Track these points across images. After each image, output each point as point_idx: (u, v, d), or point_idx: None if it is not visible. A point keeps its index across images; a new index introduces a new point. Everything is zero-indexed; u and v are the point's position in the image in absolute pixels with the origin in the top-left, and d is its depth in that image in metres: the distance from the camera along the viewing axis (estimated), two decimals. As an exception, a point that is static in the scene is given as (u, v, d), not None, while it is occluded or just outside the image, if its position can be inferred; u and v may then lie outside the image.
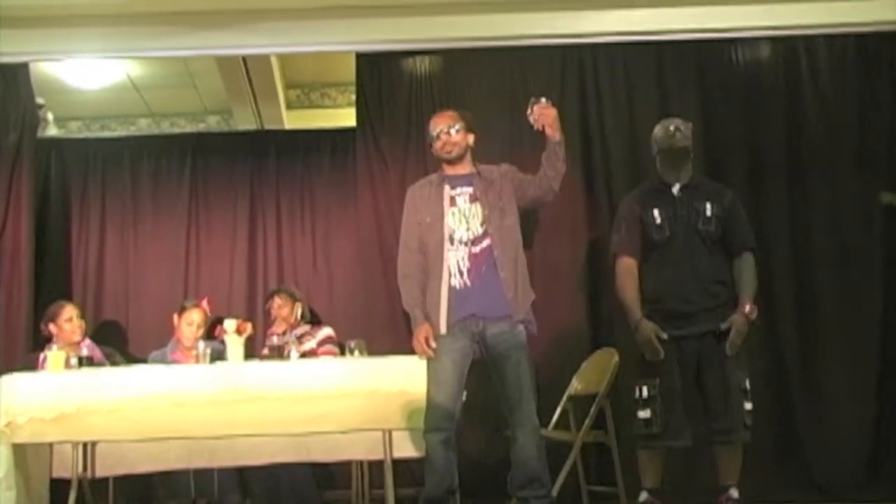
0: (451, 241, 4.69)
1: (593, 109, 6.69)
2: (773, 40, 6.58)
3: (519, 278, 4.73)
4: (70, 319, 6.16)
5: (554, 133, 4.77)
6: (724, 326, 4.97)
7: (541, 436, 4.68)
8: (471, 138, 4.87)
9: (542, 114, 4.76)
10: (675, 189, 5.20)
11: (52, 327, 6.14)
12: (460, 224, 4.72)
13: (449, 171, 4.86)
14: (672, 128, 5.25)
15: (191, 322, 6.27)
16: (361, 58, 6.93)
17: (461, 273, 4.65)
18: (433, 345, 4.59)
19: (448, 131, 4.81)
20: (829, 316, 6.38)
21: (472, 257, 4.66)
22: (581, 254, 6.60)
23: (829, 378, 6.32)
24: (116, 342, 6.80)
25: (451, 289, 4.65)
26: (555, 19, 5.23)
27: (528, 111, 4.81)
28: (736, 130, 6.56)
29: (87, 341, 6.16)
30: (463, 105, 6.61)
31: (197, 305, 6.35)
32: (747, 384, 5.00)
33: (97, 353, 5.99)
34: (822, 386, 6.32)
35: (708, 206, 5.12)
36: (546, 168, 4.80)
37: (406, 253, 4.81)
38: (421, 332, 4.61)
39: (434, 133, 4.85)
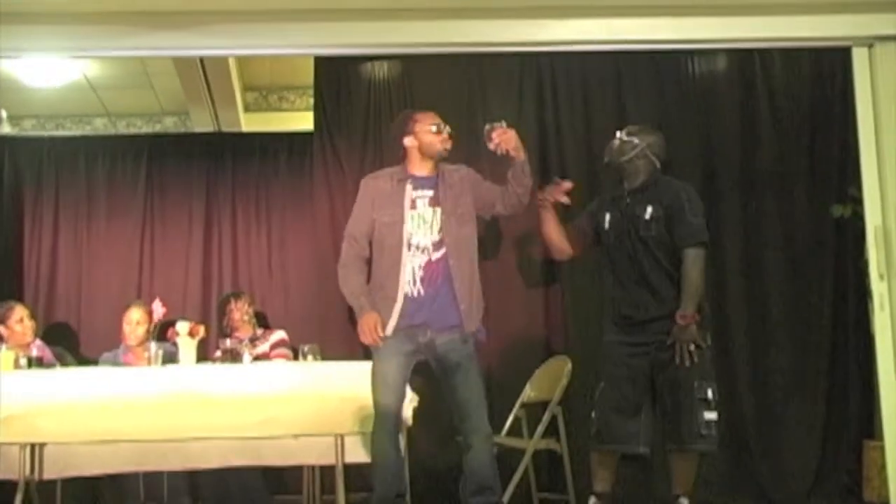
0: (409, 246, 4.63)
1: (550, 117, 6.72)
2: (729, 52, 6.64)
3: (473, 289, 4.71)
4: (21, 320, 6.10)
5: (518, 154, 4.75)
6: (668, 342, 4.94)
7: (493, 443, 4.68)
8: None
9: (504, 139, 4.74)
10: (627, 196, 5.20)
11: (1, 328, 6.08)
12: (419, 229, 4.65)
13: (413, 169, 4.79)
14: (613, 143, 5.27)
15: (129, 321, 6.23)
16: (320, 61, 6.92)
17: (415, 281, 4.61)
18: (381, 333, 4.54)
19: (445, 129, 4.80)
20: (779, 327, 6.44)
21: (428, 265, 4.62)
22: (535, 261, 6.62)
23: (778, 389, 6.38)
24: (68, 343, 6.75)
25: (405, 295, 4.60)
26: (514, 27, 5.22)
27: (486, 137, 4.79)
28: (691, 140, 6.61)
29: (38, 342, 6.10)
30: (420, 110, 6.63)
31: (139, 305, 6.31)
32: (710, 393, 4.92)
33: (47, 354, 5.94)
34: (771, 397, 6.38)
35: (649, 209, 5.06)
36: (514, 185, 4.80)
37: (351, 243, 4.75)
38: (370, 319, 4.54)
39: (430, 126, 4.80)
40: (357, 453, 5.19)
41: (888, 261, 5.41)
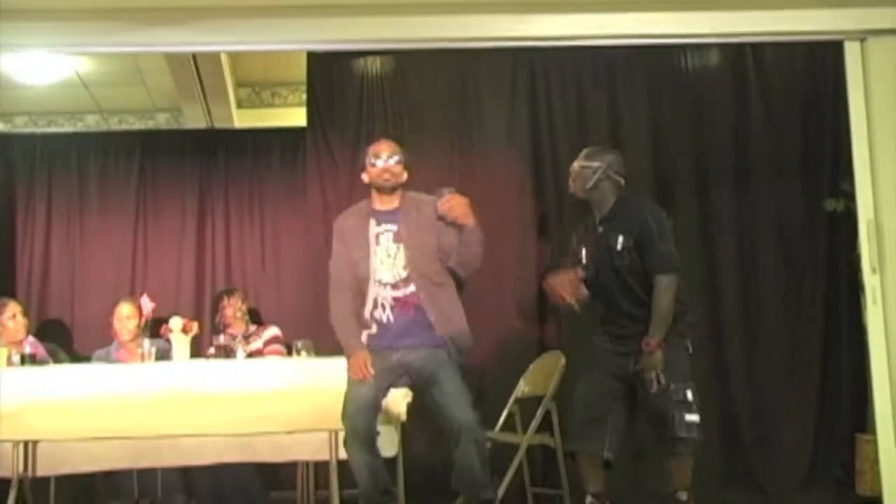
0: (374, 282, 4.62)
1: (543, 112, 6.73)
2: (722, 47, 6.65)
3: (452, 317, 4.67)
4: (13, 317, 6.09)
5: (467, 221, 4.65)
6: (637, 368, 4.87)
7: (483, 436, 4.66)
8: (405, 175, 4.80)
9: (452, 206, 4.63)
10: (597, 222, 5.10)
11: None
12: (382, 265, 4.63)
13: (377, 204, 4.75)
14: (572, 171, 5.16)
15: (119, 317, 6.22)
16: (313, 57, 6.92)
17: (383, 308, 4.61)
18: (371, 371, 4.53)
19: (388, 160, 4.73)
20: (772, 322, 6.46)
21: (395, 300, 4.61)
22: (529, 257, 6.62)
23: (772, 381, 6.40)
24: (61, 340, 6.73)
25: (376, 321, 4.61)
26: (506, 22, 5.22)
27: (438, 206, 4.68)
28: (684, 135, 6.63)
29: (31, 339, 6.09)
30: (413, 106, 6.66)
31: (128, 300, 6.31)
32: (688, 395, 4.86)
33: (40, 351, 5.93)
34: (765, 391, 6.40)
35: (620, 239, 4.97)
36: (462, 254, 4.68)
37: (341, 291, 4.72)
38: (360, 359, 4.54)
39: (371, 159, 4.75)
40: (351, 449, 5.20)
41: (880, 254, 5.42)
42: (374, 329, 4.61)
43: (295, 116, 7.87)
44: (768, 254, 6.52)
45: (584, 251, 5.13)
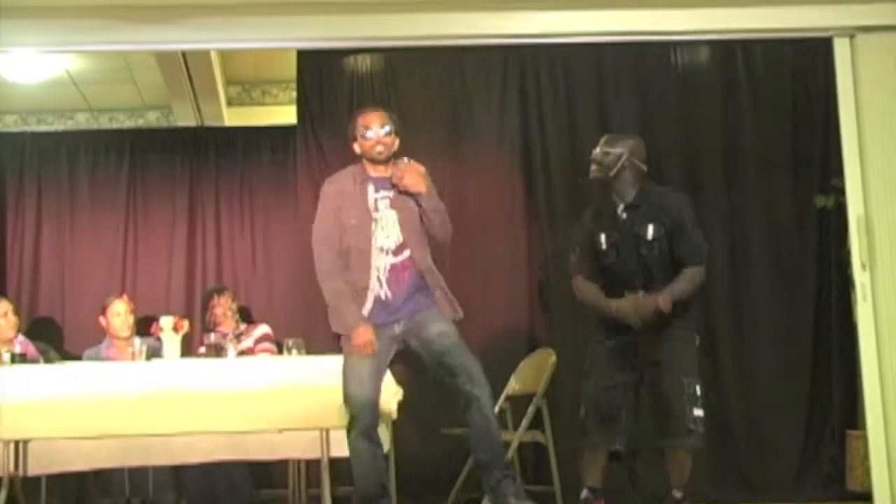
0: (375, 249, 4.60)
1: (533, 109, 6.73)
2: (712, 44, 6.66)
3: (440, 280, 4.70)
4: (5, 315, 6.08)
5: (420, 191, 4.63)
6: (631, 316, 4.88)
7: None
8: (397, 142, 4.81)
9: (400, 178, 4.63)
10: (620, 210, 5.02)
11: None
12: (381, 231, 4.61)
13: (372, 171, 4.73)
14: (595, 157, 5.07)
15: (118, 313, 6.21)
16: (302, 55, 6.91)
17: (381, 283, 4.60)
18: (374, 347, 4.50)
19: (379, 131, 4.74)
20: (762, 316, 6.48)
21: (393, 267, 4.60)
22: (520, 254, 6.63)
23: (762, 377, 6.42)
24: (51, 338, 6.72)
25: (376, 297, 4.58)
26: (495, 19, 5.24)
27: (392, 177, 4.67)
28: (673, 132, 6.63)
29: (21, 337, 6.08)
30: (403, 104, 6.66)
31: (118, 297, 6.31)
32: (697, 390, 4.85)
33: (31, 350, 5.92)
34: (755, 388, 6.42)
35: (650, 228, 4.92)
36: (425, 221, 4.69)
37: (328, 253, 4.64)
38: (366, 333, 4.48)
39: (362, 131, 4.74)
40: (342, 447, 5.15)
41: (870, 251, 5.44)
42: (370, 304, 4.57)
43: (285, 114, 7.86)
44: (758, 250, 6.53)
45: (603, 237, 5.03)
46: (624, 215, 4.99)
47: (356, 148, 4.77)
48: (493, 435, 4.54)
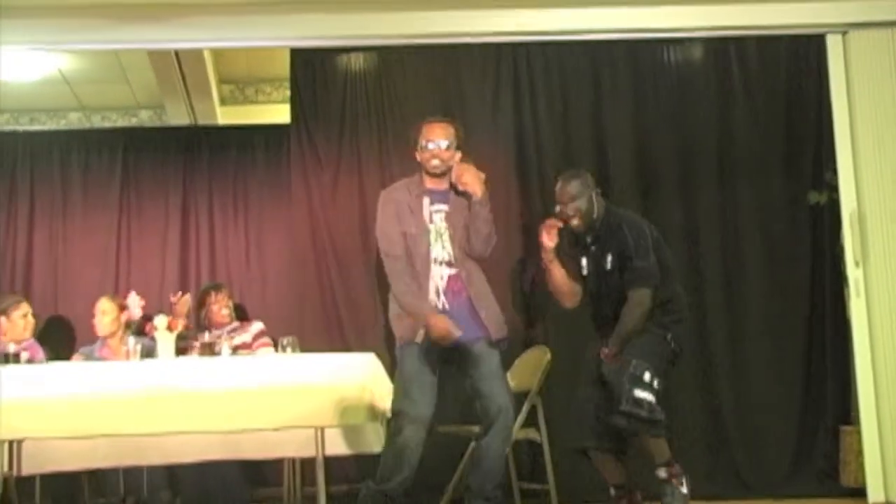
0: (431, 259, 4.71)
1: (527, 107, 6.73)
2: (705, 41, 6.66)
3: (490, 297, 4.81)
4: (24, 316, 6.12)
5: (476, 191, 4.71)
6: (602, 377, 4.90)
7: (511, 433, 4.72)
8: (457, 156, 4.82)
9: (460, 175, 4.72)
10: (589, 241, 5.10)
11: (3, 320, 6.06)
12: (436, 243, 4.71)
13: (429, 184, 4.81)
14: (569, 211, 5.02)
15: (102, 311, 6.20)
16: (296, 53, 6.90)
17: (439, 294, 4.66)
18: (457, 333, 4.58)
19: (440, 144, 4.75)
20: (756, 313, 6.47)
21: (451, 279, 4.67)
22: (513, 252, 6.63)
23: (756, 376, 6.42)
24: (44, 338, 6.70)
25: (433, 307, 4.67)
26: (489, 17, 5.25)
27: (451, 175, 4.75)
28: (667, 129, 6.63)
29: (31, 341, 6.09)
30: (396, 102, 6.66)
31: (108, 297, 6.29)
32: (646, 374, 4.75)
33: (39, 355, 5.92)
34: (749, 385, 6.42)
35: (609, 258, 4.99)
36: (471, 232, 4.75)
37: (399, 264, 4.73)
38: (443, 321, 4.58)
39: (424, 142, 4.78)
40: (337, 445, 5.20)
41: (863, 247, 5.46)
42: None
43: (278, 113, 7.86)
44: (752, 247, 6.53)
45: (584, 262, 5.13)
46: (594, 248, 5.09)
47: (417, 156, 4.86)
48: (493, 471, 4.60)
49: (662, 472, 4.86)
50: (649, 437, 4.81)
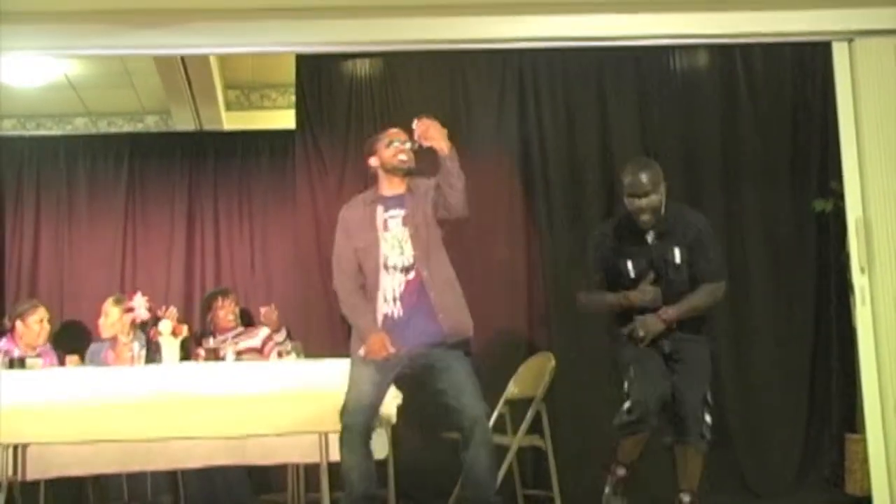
0: (386, 267, 4.61)
1: (532, 113, 6.73)
2: (711, 48, 6.66)
3: (453, 298, 4.68)
4: (40, 321, 6.13)
5: (442, 147, 4.59)
6: (636, 331, 4.88)
7: (492, 439, 4.66)
8: (414, 163, 4.80)
9: (422, 130, 4.59)
10: (650, 237, 4.99)
11: (19, 324, 6.07)
12: (393, 250, 4.63)
13: (385, 189, 4.76)
14: (645, 204, 4.90)
15: (105, 313, 6.20)
16: (301, 59, 6.92)
17: (394, 300, 4.61)
18: (391, 349, 4.51)
19: (405, 143, 4.74)
20: (762, 320, 6.47)
21: (408, 284, 4.63)
22: (519, 257, 6.62)
23: (761, 381, 6.41)
24: (59, 342, 6.70)
25: (384, 316, 4.60)
26: (495, 24, 5.23)
27: (415, 134, 4.70)
28: (673, 136, 6.63)
29: (47, 346, 6.10)
30: (402, 108, 6.66)
31: (115, 297, 6.29)
32: (709, 397, 4.89)
33: (53, 361, 5.93)
34: (754, 389, 6.42)
35: (677, 252, 4.94)
36: (443, 187, 4.61)
37: (346, 280, 4.68)
38: (379, 339, 4.51)
39: (387, 141, 4.77)
40: (341, 451, 5.19)
41: (869, 255, 5.44)
42: (379, 324, 4.59)
43: (284, 119, 7.86)
44: (757, 254, 6.53)
45: (630, 266, 5.01)
46: (655, 242, 4.98)
47: (374, 161, 4.78)
48: (486, 481, 4.55)
49: (686, 497, 4.86)
50: (702, 458, 4.86)
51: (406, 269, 4.61)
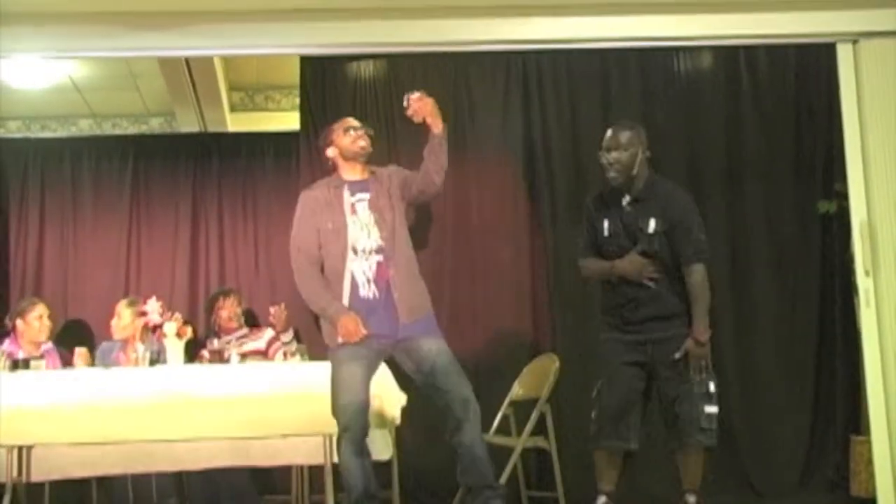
0: (355, 251, 4.63)
1: (536, 114, 6.73)
2: (715, 49, 6.66)
3: (411, 283, 4.71)
4: (40, 318, 6.12)
5: (436, 123, 4.72)
6: (678, 356, 4.82)
7: (477, 413, 4.66)
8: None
9: (419, 106, 4.71)
10: (625, 201, 5.01)
11: (19, 322, 6.07)
12: (361, 232, 4.65)
13: (346, 175, 4.80)
14: (610, 159, 4.97)
15: (117, 314, 6.21)
16: (306, 61, 6.92)
17: (368, 282, 4.61)
18: (364, 331, 4.53)
19: (361, 129, 4.81)
20: (766, 322, 6.47)
21: (378, 267, 4.63)
22: (523, 258, 6.63)
23: (765, 383, 6.41)
24: (62, 341, 6.71)
25: (359, 299, 4.60)
26: (499, 25, 5.23)
27: (405, 106, 4.76)
28: (677, 138, 6.62)
29: (48, 344, 6.10)
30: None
31: (131, 301, 6.29)
32: (711, 387, 4.85)
33: (55, 360, 5.93)
34: (758, 391, 6.41)
35: (651, 222, 4.91)
36: (428, 161, 4.74)
37: (306, 265, 4.71)
38: (352, 320, 4.52)
39: (343, 129, 4.81)
40: (345, 453, 5.19)
41: (874, 257, 5.43)
42: (354, 309, 4.59)
43: (288, 120, 7.87)
44: (762, 256, 6.52)
45: (605, 223, 5.04)
46: (628, 208, 4.99)
47: (330, 152, 4.86)
48: (479, 459, 4.55)
49: (692, 498, 4.85)
50: (702, 454, 4.85)
51: (375, 252, 4.62)
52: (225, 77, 8.31)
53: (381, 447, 5.21)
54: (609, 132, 5.04)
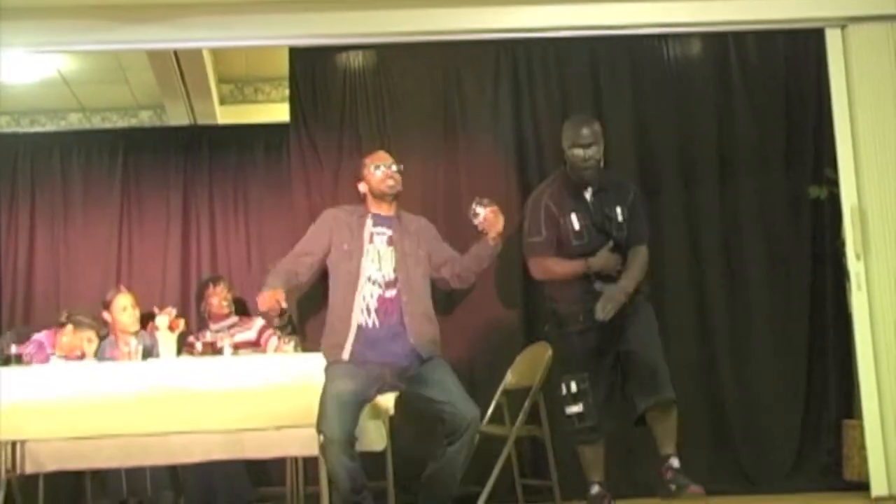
0: (364, 279, 4.76)
1: (526, 104, 6.71)
2: (704, 36, 6.65)
3: (426, 326, 4.84)
4: (125, 309, 6.09)
5: (497, 239, 4.95)
6: (604, 305, 5.00)
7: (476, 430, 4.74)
8: (401, 185, 4.98)
9: (493, 221, 4.96)
10: (588, 194, 5.16)
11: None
12: (373, 263, 4.78)
13: (374, 208, 4.90)
14: (586, 155, 5.12)
15: (124, 307, 6.19)
16: (295, 52, 6.89)
17: (369, 312, 4.69)
18: (282, 304, 4.73)
19: (391, 167, 4.87)
20: (758, 311, 6.46)
21: (381, 300, 4.71)
22: (514, 247, 6.62)
23: (758, 372, 6.40)
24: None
25: (358, 326, 4.72)
26: (488, 14, 5.25)
27: (472, 211, 4.87)
28: (667, 125, 6.62)
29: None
30: (396, 100, 6.65)
31: (119, 291, 6.28)
32: (573, 387, 5.16)
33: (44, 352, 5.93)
34: (751, 380, 6.41)
35: (618, 210, 5.14)
36: (472, 262, 4.98)
37: (292, 258, 4.95)
38: (274, 293, 4.74)
39: (372, 168, 4.89)
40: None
41: (864, 241, 5.47)
42: (354, 331, 4.73)
43: (278, 112, 7.86)
44: (752, 242, 6.52)
45: (574, 217, 5.15)
46: (593, 199, 5.15)
47: (362, 187, 4.99)
48: (454, 480, 4.75)
49: (676, 461, 4.96)
50: (675, 412, 5.00)
51: (380, 285, 4.70)
52: (214, 69, 8.31)
53: (375, 438, 5.21)
54: (575, 129, 5.22)
